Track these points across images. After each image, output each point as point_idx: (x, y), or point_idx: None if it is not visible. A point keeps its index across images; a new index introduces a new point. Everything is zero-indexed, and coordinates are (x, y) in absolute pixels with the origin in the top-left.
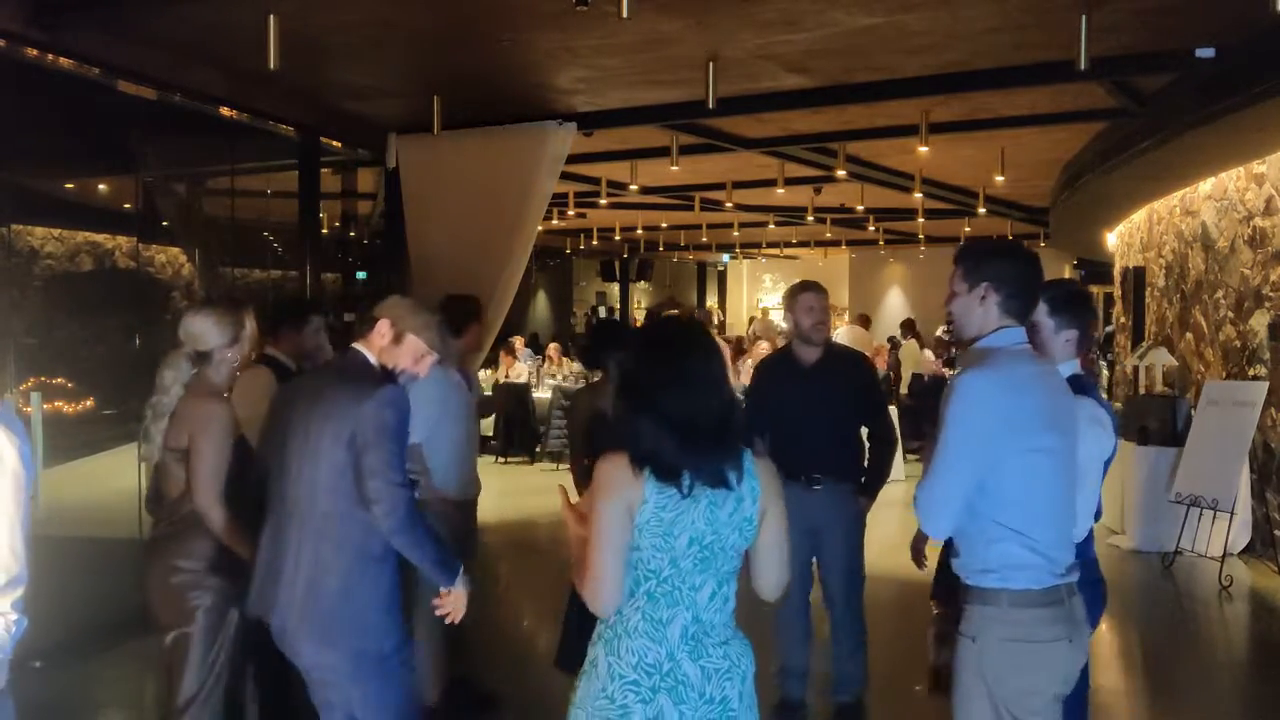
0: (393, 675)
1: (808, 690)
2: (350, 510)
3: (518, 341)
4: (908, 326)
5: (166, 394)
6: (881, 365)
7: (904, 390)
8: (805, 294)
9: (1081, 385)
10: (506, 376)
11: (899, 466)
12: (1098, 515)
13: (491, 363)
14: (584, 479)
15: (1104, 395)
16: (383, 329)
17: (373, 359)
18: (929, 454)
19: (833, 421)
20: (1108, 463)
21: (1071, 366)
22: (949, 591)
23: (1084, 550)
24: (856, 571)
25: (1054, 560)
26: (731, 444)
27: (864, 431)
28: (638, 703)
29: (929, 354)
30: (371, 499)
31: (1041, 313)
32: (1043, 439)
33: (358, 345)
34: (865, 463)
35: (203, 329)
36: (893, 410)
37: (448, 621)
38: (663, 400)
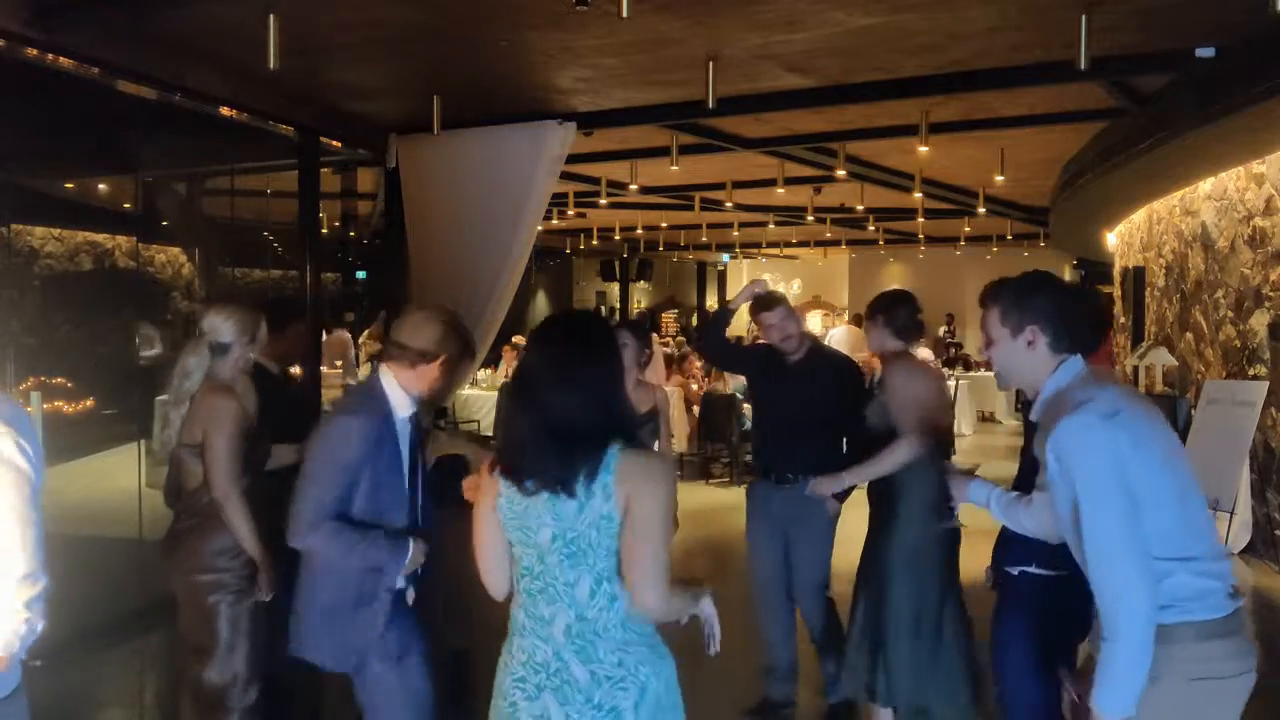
0: (408, 672)
1: (797, 690)
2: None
3: (520, 342)
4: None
5: (189, 378)
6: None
7: None
8: (763, 314)
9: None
10: (508, 375)
11: None
12: None
13: (492, 362)
14: None
15: None
16: (413, 358)
17: (388, 384)
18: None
19: (810, 422)
20: None
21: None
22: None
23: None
24: (823, 570)
25: (1225, 579)
26: (581, 450)
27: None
28: (524, 699)
29: (927, 353)
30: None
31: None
32: (1158, 454)
33: (386, 367)
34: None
35: (224, 323)
36: None
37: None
38: (519, 399)
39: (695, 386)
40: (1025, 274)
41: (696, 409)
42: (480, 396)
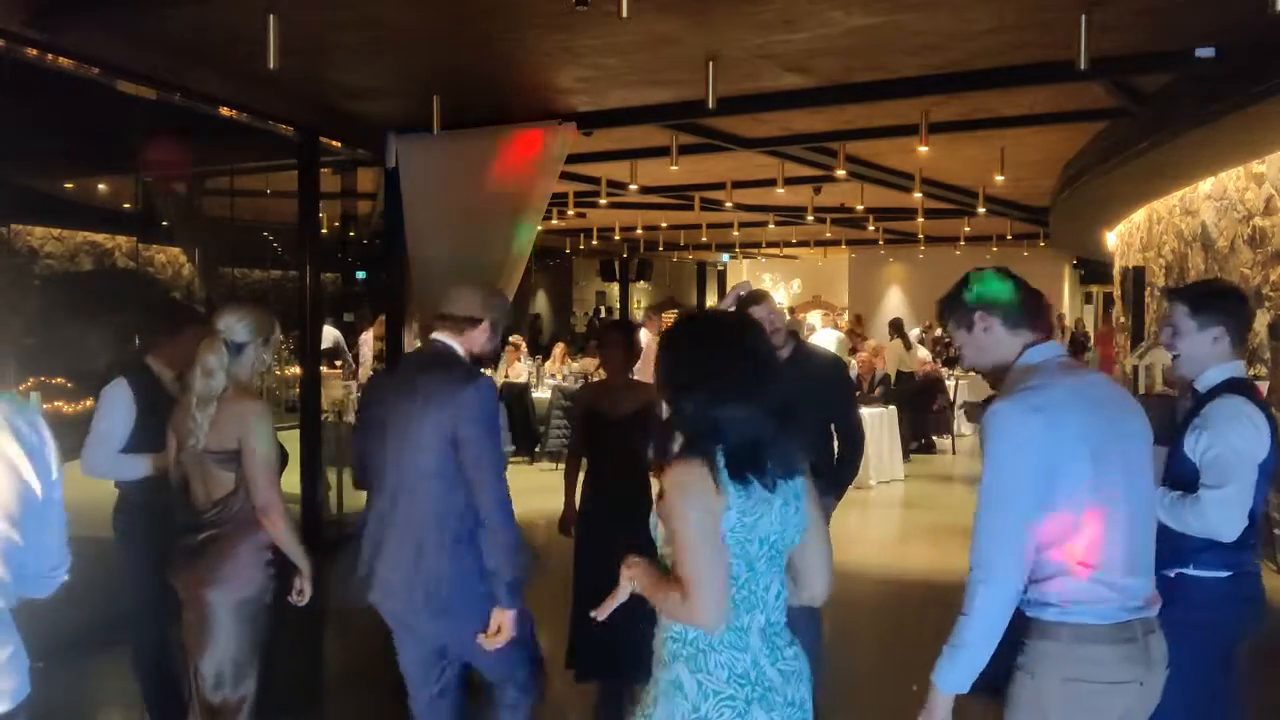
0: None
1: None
2: (447, 495)
3: (521, 342)
4: (895, 327)
5: (213, 377)
6: (880, 364)
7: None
8: (750, 309)
9: (1237, 386)
10: (507, 376)
11: (898, 467)
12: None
13: (492, 362)
14: (575, 474)
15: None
16: (485, 328)
17: (461, 350)
18: None
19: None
20: (1264, 466)
21: (1228, 369)
22: None
23: (1235, 560)
24: None
25: (1127, 596)
26: (794, 442)
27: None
28: (734, 718)
29: (924, 352)
30: (481, 481)
31: (1181, 314)
32: (1085, 456)
33: (444, 338)
34: (834, 462)
35: (239, 323)
36: (892, 409)
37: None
38: (744, 392)
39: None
40: (957, 282)
41: None
42: None
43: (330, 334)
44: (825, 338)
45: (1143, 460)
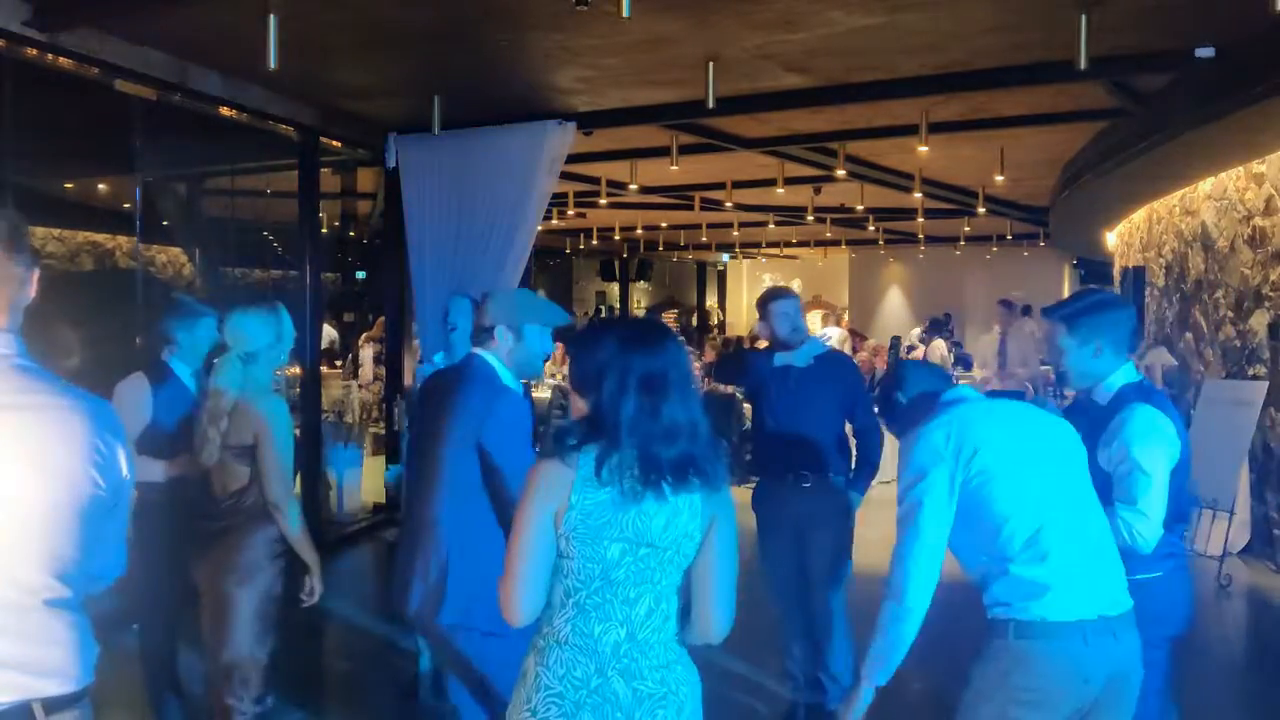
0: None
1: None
2: (469, 499)
3: None
4: (936, 327)
5: (222, 396)
6: (881, 364)
7: None
8: (778, 302)
9: (1139, 392)
10: None
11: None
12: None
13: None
14: None
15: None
16: (504, 334)
17: (494, 363)
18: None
19: (819, 419)
20: (1174, 466)
21: (1121, 376)
22: None
23: (1152, 564)
24: (842, 569)
25: (1072, 588)
26: (705, 453)
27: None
28: (559, 716)
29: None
30: (505, 491)
31: (1059, 334)
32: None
33: (480, 351)
34: (853, 460)
35: (250, 329)
36: None
37: None
38: (642, 401)
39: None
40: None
41: None
42: None
43: (327, 333)
44: (835, 336)
45: (1074, 465)
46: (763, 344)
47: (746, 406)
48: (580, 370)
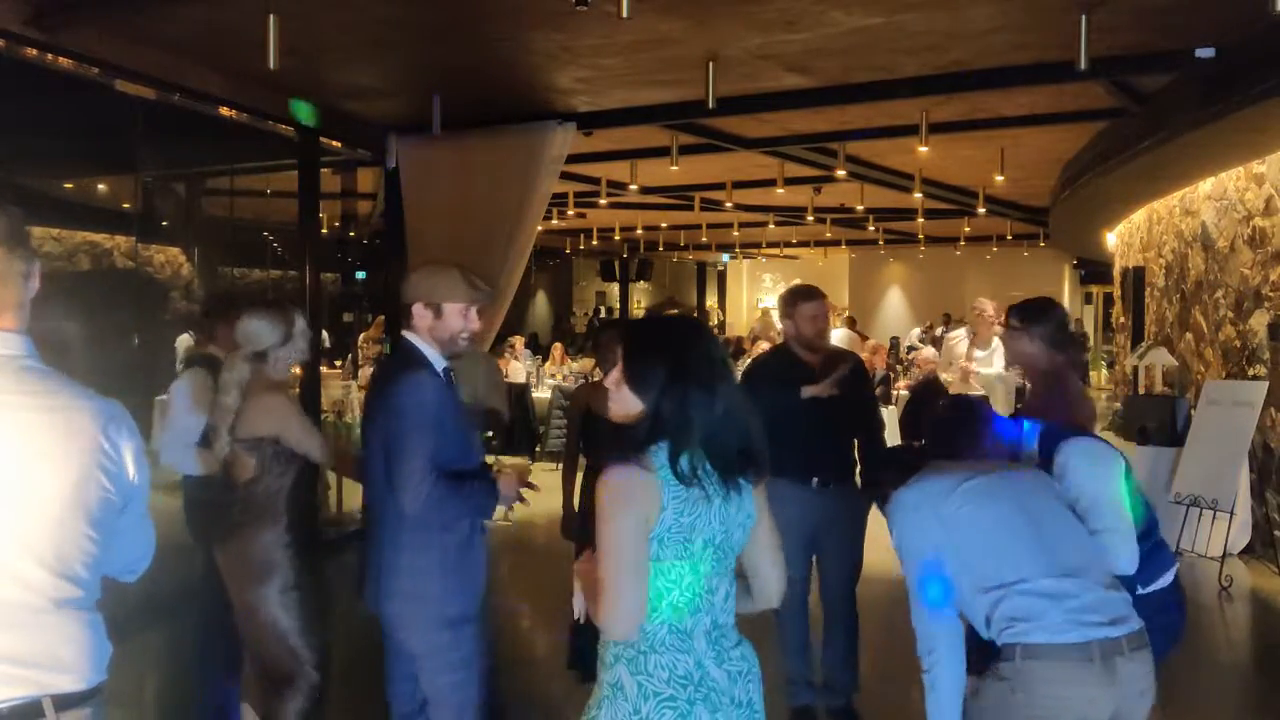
0: (459, 643)
1: (816, 696)
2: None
3: (517, 341)
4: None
5: (229, 394)
6: (880, 364)
7: None
8: (809, 304)
9: (1058, 434)
10: (506, 376)
11: None
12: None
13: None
14: (572, 475)
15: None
16: (419, 311)
17: (419, 342)
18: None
19: (835, 423)
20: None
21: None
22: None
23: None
24: (856, 571)
25: (1061, 602)
26: (757, 440)
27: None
28: (676, 718)
29: (931, 351)
30: (395, 484)
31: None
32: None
33: (404, 333)
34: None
35: (258, 330)
36: (893, 410)
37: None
38: (706, 395)
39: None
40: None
41: None
42: None
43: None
44: (836, 337)
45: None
46: (763, 345)
47: None
48: (636, 370)
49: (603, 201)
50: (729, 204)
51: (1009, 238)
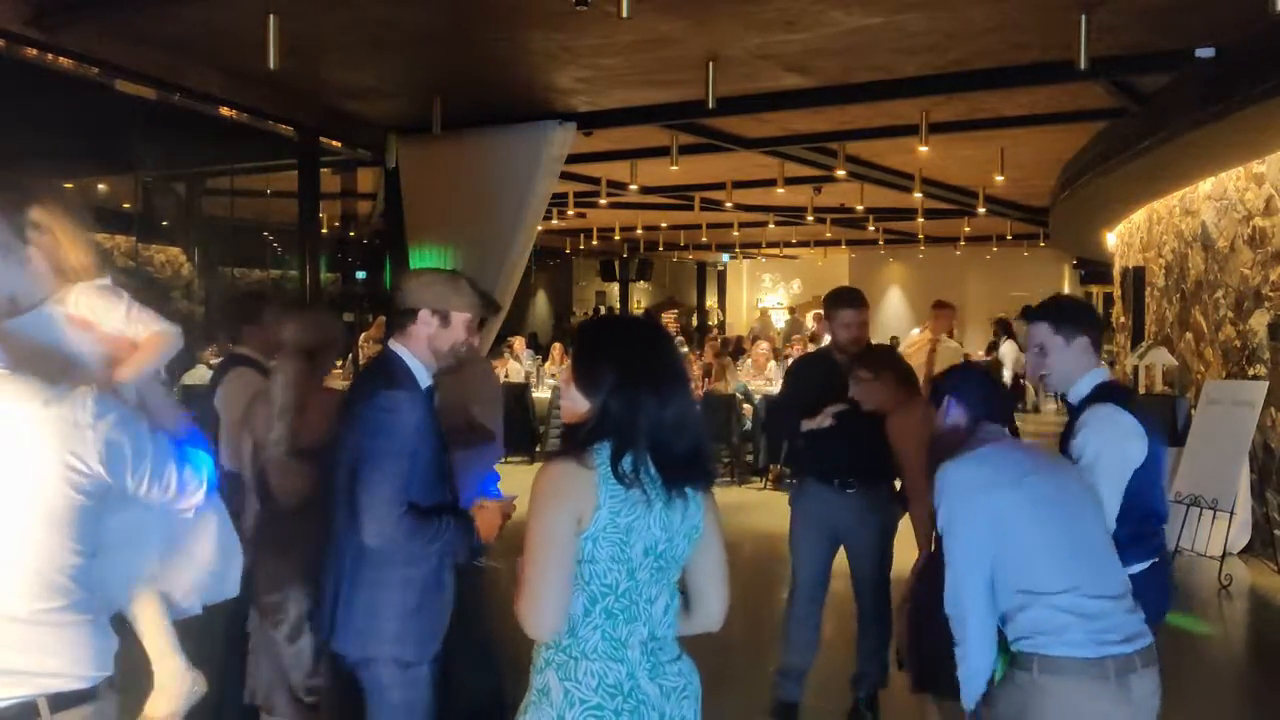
0: (412, 686)
1: (804, 693)
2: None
3: (516, 342)
4: (1005, 327)
5: (284, 394)
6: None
7: None
8: (847, 311)
9: (1108, 392)
10: (506, 376)
11: None
12: (1159, 519)
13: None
14: None
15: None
16: (424, 318)
17: (407, 355)
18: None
19: (867, 426)
20: (1140, 470)
21: (1096, 376)
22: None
23: (1148, 552)
24: (885, 572)
25: (1092, 620)
26: (705, 450)
27: None
28: None
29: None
30: (359, 510)
31: (1045, 332)
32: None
33: (392, 344)
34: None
35: (304, 331)
36: None
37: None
38: (654, 398)
39: (695, 387)
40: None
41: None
42: None
43: None
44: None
45: (1076, 489)
46: (763, 345)
47: (746, 407)
48: (584, 369)
49: (603, 201)
50: (729, 204)
51: (1009, 238)
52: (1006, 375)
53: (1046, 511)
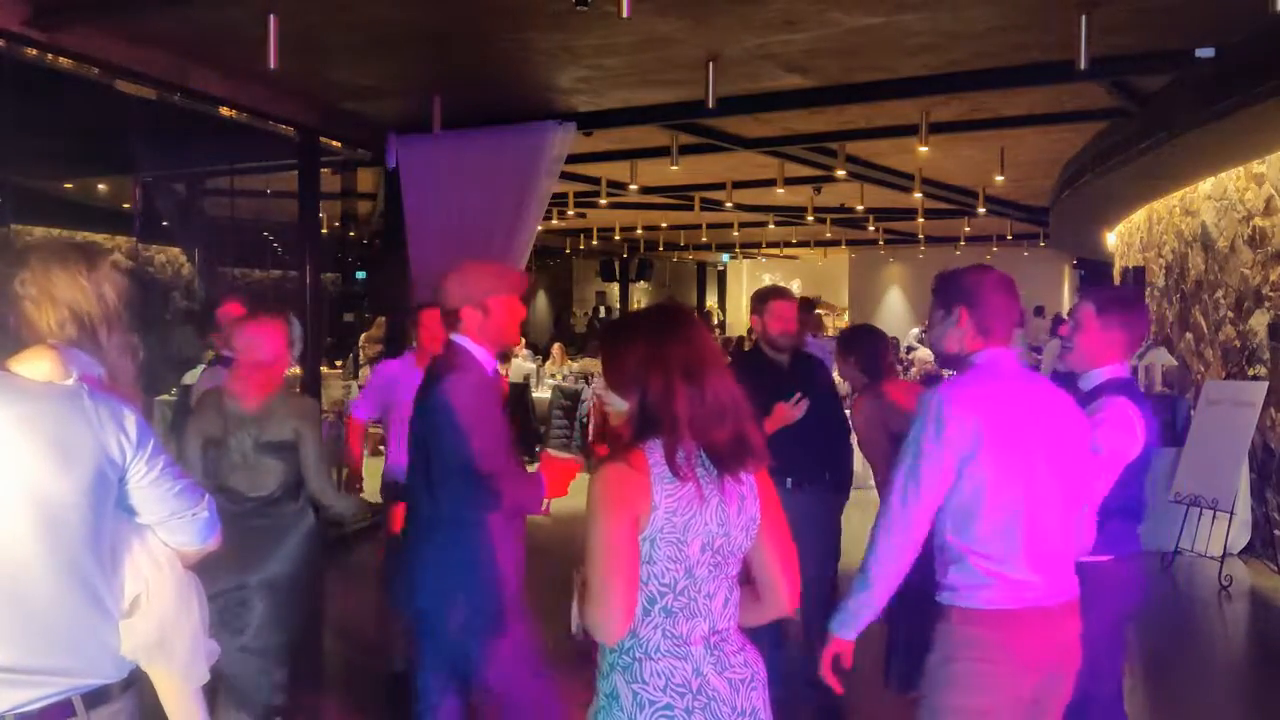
0: (499, 632)
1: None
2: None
3: (517, 344)
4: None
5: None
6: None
7: None
8: (776, 302)
9: (1119, 386)
10: (505, 376)
11: None
12: (1133, 516)
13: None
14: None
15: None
16: (468, 314)
17: (468, 344)
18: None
19: (806, 423)
20: (1133, 466)
21: (1112, 370)
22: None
23: (1119, 544)
24: (831, 571)
25: (1019, 585)
26: (750, 431)
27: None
28: None
29: (926, 352)
30: (434, 482)
31: (1088, 311)
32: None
33: (454, 336)
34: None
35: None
36: None
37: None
38: (688, 384)
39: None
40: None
41: None
42: None
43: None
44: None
45: (1065, 463)
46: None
47: None
48: (618, 369)
49: (603, 201)
50: (729, 204)
51: (1009, 238)
52: None
53: (1023, 475)
